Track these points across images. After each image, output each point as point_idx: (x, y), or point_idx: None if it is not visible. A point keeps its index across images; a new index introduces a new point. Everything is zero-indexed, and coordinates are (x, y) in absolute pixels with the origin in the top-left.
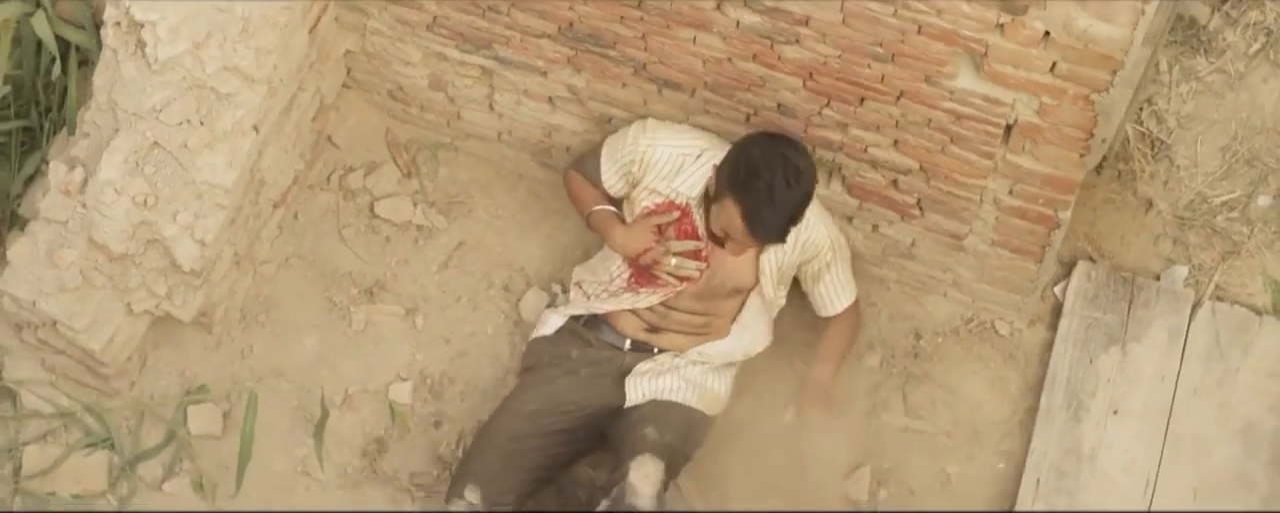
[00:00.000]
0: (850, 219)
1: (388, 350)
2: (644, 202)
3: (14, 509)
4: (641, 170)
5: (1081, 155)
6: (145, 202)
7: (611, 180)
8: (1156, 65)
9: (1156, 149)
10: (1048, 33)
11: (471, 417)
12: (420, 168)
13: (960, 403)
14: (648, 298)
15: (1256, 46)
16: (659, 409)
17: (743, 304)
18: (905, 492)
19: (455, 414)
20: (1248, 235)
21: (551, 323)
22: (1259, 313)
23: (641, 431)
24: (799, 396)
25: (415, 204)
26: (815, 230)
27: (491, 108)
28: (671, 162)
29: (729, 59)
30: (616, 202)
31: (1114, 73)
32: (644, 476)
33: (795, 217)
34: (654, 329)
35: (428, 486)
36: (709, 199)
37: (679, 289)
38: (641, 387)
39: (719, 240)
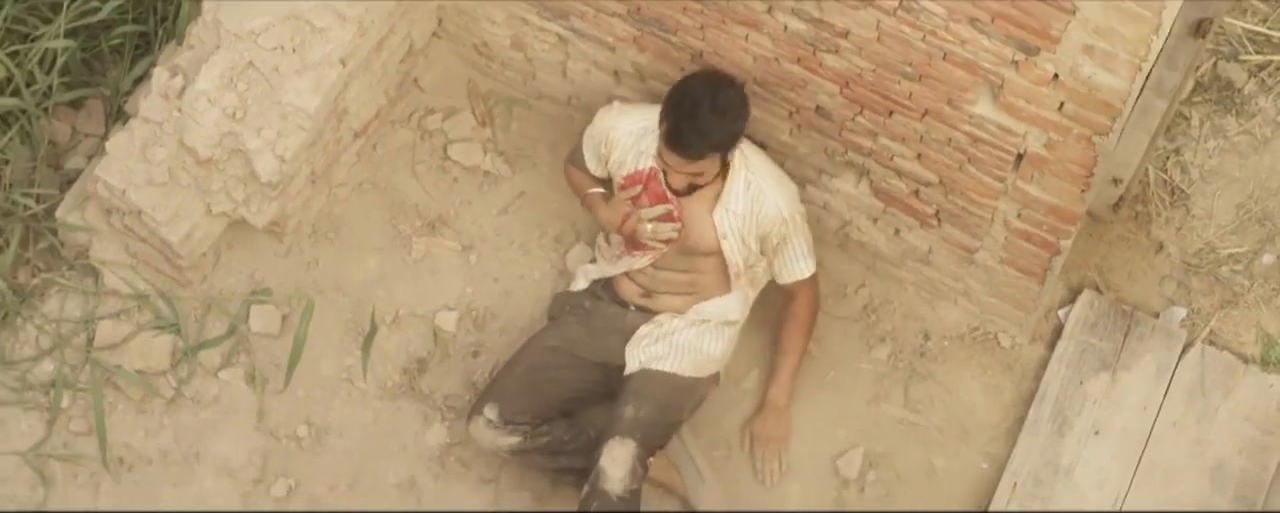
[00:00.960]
0: (875, 220)
1: (440, 281)
2: (618, 176)
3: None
4: (608, 148)
5: (1082, 191)
6: (234, 114)
7: (592, 164)
8: (1188, 119)
9: (1175, 197)
10: (1057, 75)
11: (507, 351)
12: (495, 119)
13: (956, 403)
14: (641, 261)
15: None
16: (642, 382)
17: (724, 266)
18: (893, 476)
19: (493, 347)
20: (1248, 288)
21: (578, 282)
22: (1246, 361)
23: (621, 409)
24: (754, 423)
25: (485, 152)
26: (769, 201)
27: (564, 74)
28: (633, 135)
29: (776, 59)
30: (608, 183)
31: (1113, 119)
32: (613, 459)
33: (714, 139)
34: (648, 293)
35: (458, 409)
36: (674, 191)
37: (664, 250)
38: (638, 355)
39: (683, 194)
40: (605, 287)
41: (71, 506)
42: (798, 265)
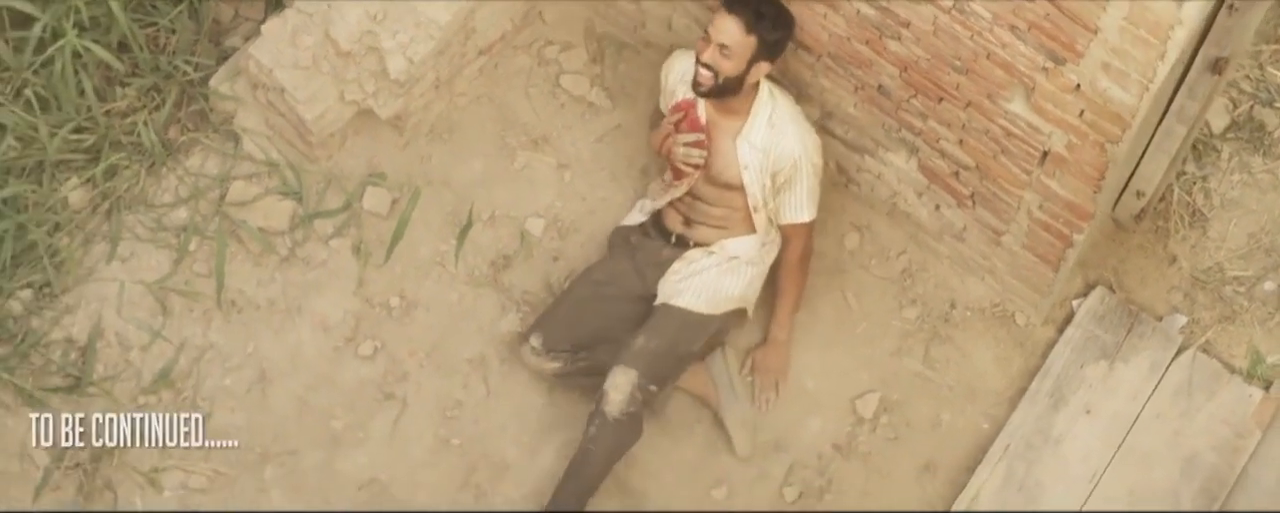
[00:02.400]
0: (919, 195)
1: (535, 191)
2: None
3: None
4: (666, 83)
5: (1094, 191)
6: (375, 16)
7: (661, 101)
8: (1219, 152)
9: (1195, 218)
10: (1079, 85)
11: (583, 262)
12: (604, 58)
13: (969, 367)
14: (680, 189)
15: None
16: (660, 316)
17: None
18: (903, 422)
19: (571, 256)
20: (1246, 308)
21: (633, 216)
22: (1232, 371)
23: (634, 338)
24: (755, 354)
25: (592, 85)
26: (787, 140)
27: (669, 26)
28: (682, 71)
29: (848, 38)
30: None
31: (1123, 130)
32: (614, 385)
33: (759, 7)
34: (687, 222)
35: (532, 304)
36: (696, 88)
37: (695, 176)
38: (665, 290)
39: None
40: (655, 221)
41: (182, 335)
42: (798, 210)
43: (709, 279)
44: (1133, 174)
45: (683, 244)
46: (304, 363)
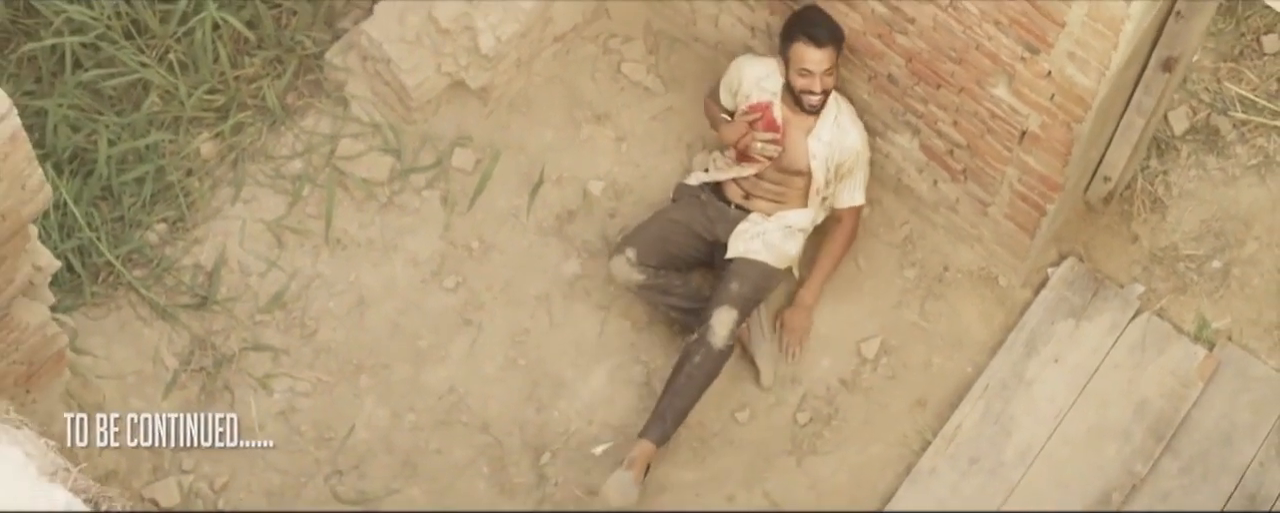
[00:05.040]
0: (920, 171)
1: (596, 158)
2: (742, 105)
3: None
4: (738, 85)
5: (1063, 165)
6: (471, 1)
7: (724, 97)
8: (1179, 151)
9: (1155, 205)
10: (1050, 72)
11: (635, 218)
12: (659, 49)
13: (958, 320)
14: (748, 171)
15: (1253, 162)
16: (743, 266)
17: (809, 187)
18: (899, 364)
19: (626, 213)
20: (1196, 282)
21: (695, 177)
22: (1180, 333)
23: (728, 285)
24: (784, 314)
25: (648, 72)
26: (850, 137)
27: (716, 24)
28: (757, 77)
29: (863, 33)
30: (731, 114)
31: (1085, 110)
32: (721, 321)
33: (831, 25)
34: (747, 196)
35: (590, 251)
36: (809, 109)
37: (765, 164)
38: (738, 246)
39: (810, 109)
40: (713, 189)
41: (295, 265)
42: (853, 194)
43: (774, 240)
44: (1101, 161)
45: (742, 210)
46: (396, 292)
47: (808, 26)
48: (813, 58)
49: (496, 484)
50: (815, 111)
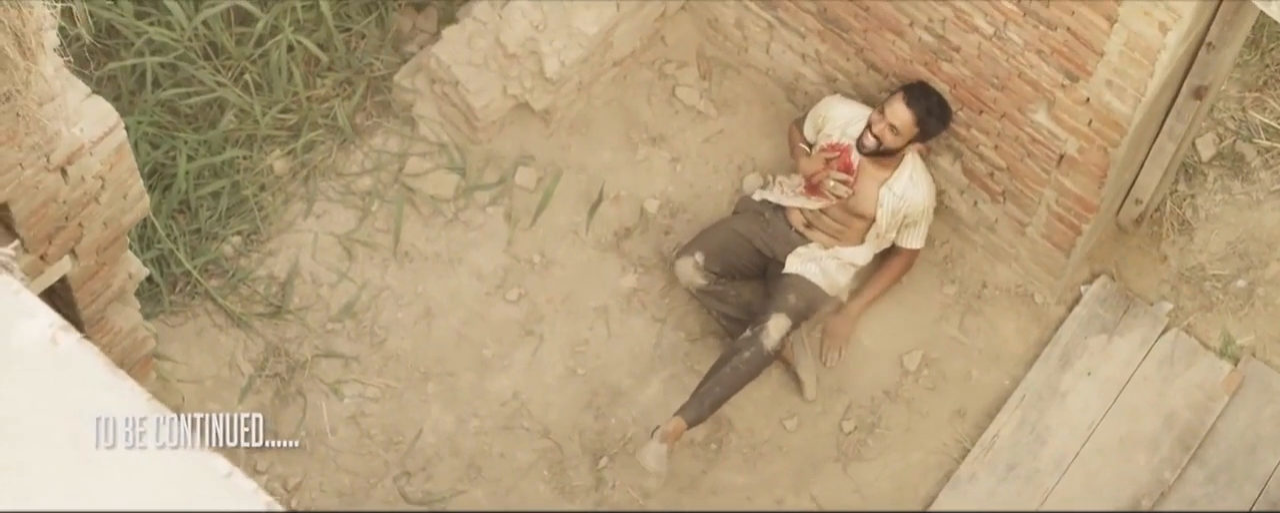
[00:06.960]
0: (961, 192)
1: (652, 178)
2: (822, 142)
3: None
4: (823, 123)
5: (1099, 187)
6: (537, 26)
7: (808, 130)
8: (1206, 176)
9: (1183, 227)
10: (1088, 99)
11: (688, 236)
12: (712, 75)
13: (995, 335)
14: (814, 203)
15: (1277, 187)
16: (800, 282)
17: (868, 228)
18: (939, 376)
19: (679, 231)
20: (1222, 301)
21: (757, 193)
22: (1207, 349)
23: (785, 295)
24: (829, 322)
25: (701, 97)
26: (920, 193)
27: (767, 51)
28: (843, 118)
29: (910, 61)
30: (810, 145)
31: (1122, 136)
32: (776, 325)
33: (925, 103)
34: (809, 225)
35: (647, 266)
36: (861, 147)
37: (832, 202)
38: (795, 263)
39: (869, 153)
40: (775, 209)
41: (365, 276)
42: (913, 240)
43: (829, 267)
44: (1133, 184)
45: (802, 238)
46: (462, 303)
47: (913, 89)
48: (893, 108)
49: (556, 487)
50: (862, 150)
